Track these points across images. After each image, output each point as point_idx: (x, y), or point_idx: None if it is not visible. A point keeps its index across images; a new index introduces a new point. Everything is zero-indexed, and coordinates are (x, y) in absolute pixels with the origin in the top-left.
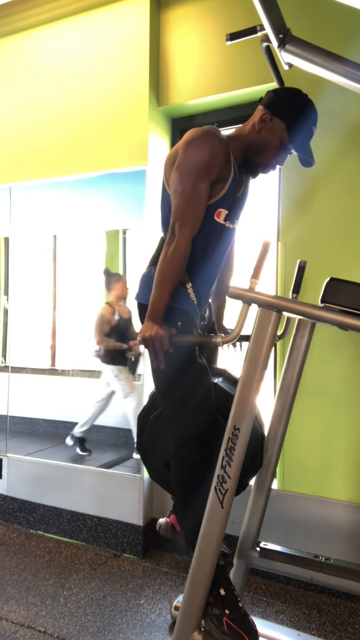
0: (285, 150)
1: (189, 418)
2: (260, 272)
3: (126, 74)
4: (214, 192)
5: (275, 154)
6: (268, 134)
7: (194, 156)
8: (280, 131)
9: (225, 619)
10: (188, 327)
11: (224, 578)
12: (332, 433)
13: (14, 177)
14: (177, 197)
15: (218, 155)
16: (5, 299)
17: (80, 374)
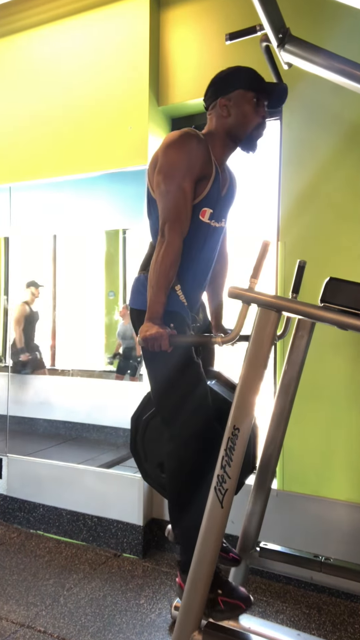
0: (259, 105)
1: (188, 419)
2: (260, 272)
3: (126, 73)
4: (197, 192)
5: (255, 115)
6: (237, 109)
7: (174, 157)
8: (242, 97)
9: (219, 599)
10: (181, 328)
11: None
12: (332, 433)
13: (14, 177)
14: (164, 199)
15: (197, 154)
16: (5, 299)
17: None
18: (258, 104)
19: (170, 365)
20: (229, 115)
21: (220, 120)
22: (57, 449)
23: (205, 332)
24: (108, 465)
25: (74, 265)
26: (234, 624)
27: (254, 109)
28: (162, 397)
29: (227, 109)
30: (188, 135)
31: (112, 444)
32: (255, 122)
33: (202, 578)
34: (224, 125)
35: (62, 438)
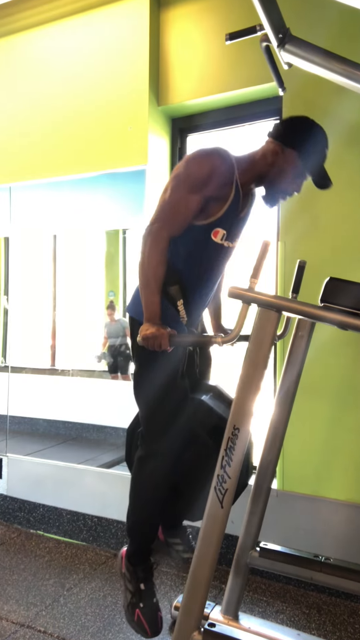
0: (300, 177)
1: (156, 436)
2: (260, 271)
3: (126, 73)
4: (211, 211)
5: (291, 182)
6: (281, 164)
7: (193, 169)
8: (293, 160)
9: (137, 611)
10: (174, 349)
11: (148, 576)
12: (332, 433)
13: (14, 177)
14: (164, 202)
15: (218, 174)
16: (5, 299)
17: (80, 373)
18: (300, 178)
19: (152, 380)
20: (272, 164)
21: (264, 160)
22: (57, 449)
23: (202, 348)
24: (108, 465)
25: (74, 265)
26: (234, 624)
27: (294, 178)
28: (140, 408)
29: (275, 157)
30: (217, 153)
31: (112, 444)
32: (286, 187)
33: (202, 578)
34: (263, 166)
35: (62, 438)
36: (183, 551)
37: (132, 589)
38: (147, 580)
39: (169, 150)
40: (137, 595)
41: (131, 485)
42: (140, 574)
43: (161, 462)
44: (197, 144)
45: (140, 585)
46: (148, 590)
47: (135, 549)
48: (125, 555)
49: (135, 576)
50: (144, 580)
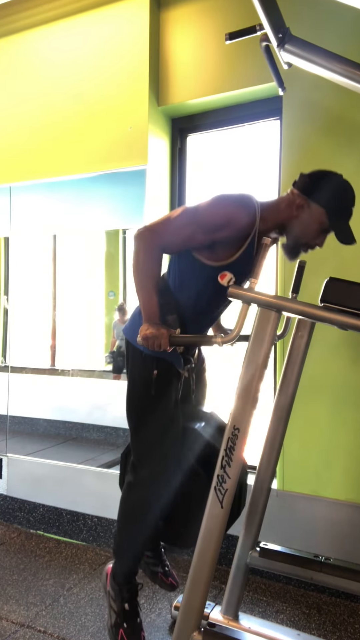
0: (325, 232)
1: (145, 464)
2: (260, 272)
3: (126, 73)
4: (220, 255)
5: (315, 237)
6: (307, 219)
7: (214, 211)
8: (319, 216)
9: (121, 631)
10: (166, 376)
11: (133, 596)
12: (332, 433)
13: (14, 177)
14: (169, 219)
15: (236, 227)
16: (5, 299)
17: (80, 374)
18: (324, 232)
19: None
20: (297, 217)
21: (289, 211)
22: (57, 449)
23: (199, 372)
24: (108, 465)
25: (74, 265)
26: (234, 624)
27: (318, 234)
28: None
29: (300, 211)
30: (243, 204)
31: (112, 444)
32: (308, 241)
33: (202, 578)
34: (287, 217)
35: (62, 438)
36: (153, 564)
37: (116, 609)
38: (131, 600)
39: (169, 150)
40: (121, 616)
41: (119, 509)
42: (125, 594)
43: (149, 491)
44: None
45: (125, 606)
46: (132, 610)
47: (121, 569)
48: (110, 573)
49: (120, 596)
50: (128, 600)
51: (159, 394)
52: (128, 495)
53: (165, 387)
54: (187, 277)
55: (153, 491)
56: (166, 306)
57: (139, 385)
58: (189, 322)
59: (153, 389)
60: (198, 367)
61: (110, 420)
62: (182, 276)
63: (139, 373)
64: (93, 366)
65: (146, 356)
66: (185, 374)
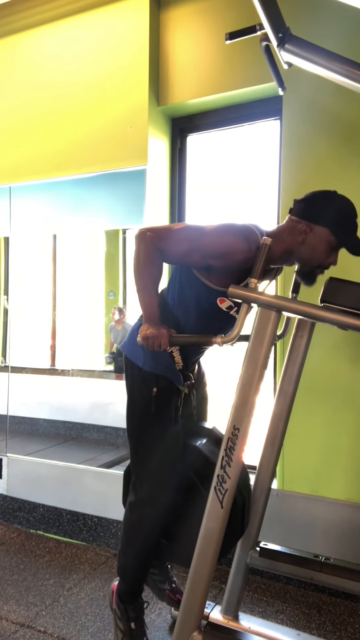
0: (335, 250)
1: (146, 483)
2: (260, 271)
3: (126, 73)
4: (219, 281)
5: (326, 257)
6: (313, 242)
7: (219, 239)
8: (325, 236)
9: None
10: (165, 393)
11: (139, 614)
12: (332, 433)
13: (14, 177)
14: (172, 229)
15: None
16: (5, 299)
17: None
18: (334, 251)
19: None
20: (303, 242)
21: (292, 239)
22: (57, 449)
23: (198, 387)
24: (108, 465)
25: (74, 265)
26: (234, 624)
27: (328, 253)
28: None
29: (305, 235)
30: (247, 238)
31: (112, 444)
32: (321, 262)
33: (202, 578)
34: (291, 246)
35: (62, 438)
36: (160, 581)
37: (122, 628)
38: (137, 619)
39: (169, 150)
40: (127, 635)
41: (122, 529)
42: (131, 613)
43: (150, 510)
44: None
45: (131, 625)
46: (138, 629)
47: (126, 588)
48: (116, 591)
49: (125, 615)
50: (134, 619)
51: (159, 411)
52: (130, 515)
53: (165, 404)
54: (187, 293)
55: (154, 510)
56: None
57: (138, 403)
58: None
59: (153, 406)
60: (198, 382)
61: (111, 420)
62: (182, 291)
63: (138, 391)
64: (93, 366)
65: (145, 373)
66: (185, 390)
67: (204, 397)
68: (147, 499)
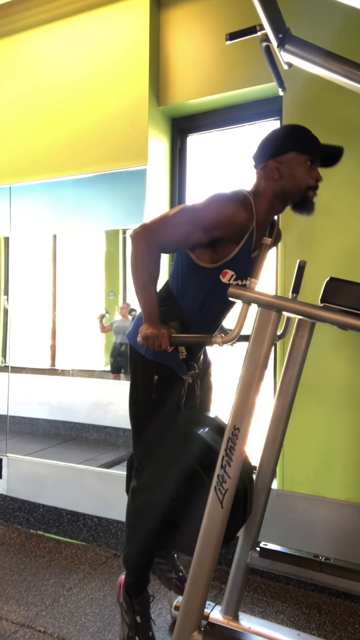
0: (312, 166)
1: (148, 470)
2: (260, 271)
3: (126, 73)
4: (220, 254)
5: (308, 177)
6: (289, 171)
7: (212, 210)
8: (296, 159)
9: None
10: (167, 382)
11: (145, 609)
12: (332, 433)
13: (14, 177)
14: (166, 218)
15: (235, 225)
16: (5, 299)
17: (80, 374)
18: (312, 166)
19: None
20: (281, 177)
21: (271, 183)
22: (57, 449)
23: (203, 377)
24: (108, 465)
25: (74, 266)
26: (234, 624)
27: (307, 172)
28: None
29: (279, 171)
30: (237, 201)
31: (112, 444)
32: (307, 184)
33: (202, 578)
34: (274, 187)
35: (62, 438)
36: (167, 570)
37: (128, 622)
38: (143, 613)
39: (169, 150)
40: (133, 629)
41: (126, 516)
42: (137, 607)
43: (151, 496)
44: (197, 143)
45: (137, 619)
46: (144, 623)
47: (132, 580)
48: (122, 585)
49: (131, 609)
50: (140, 613)
51: (160, 399)
52: (132, 500)
53: (166, 392)
54: (189, 282)
55: (156, 496)
56: (168, 312)
57: (140, 391)
58: (192, 329)
59: (154, 394)
60: (203, 372)
61: (110, 420)
62: (185, 282)
63: (140, 378)
64: (93, 366)
65: (147, 361)
66: (189, 379)
67: (209, 387)
68: (148, 485)
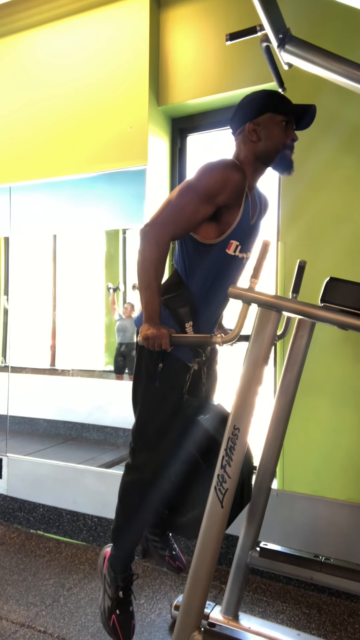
0: (287, 126)
1: (142, 450)
2: (260, 271)
3: (126, 73)
4: (225, 224)
5: (284, 136)
6: (266, 132)
7: (205, 180)
8: (271, 120)
9: (113, 617)
10: (172, 368)
11: (128, 586)
12: (332, 433)
13: (14, 177)
14: (169, 203)
15: (232, 186)
16: (5, 299)
17: (80, 373)
18: (287, 127)
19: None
20: (259, 139)
21: (250, 145)
22: (57, 449)
23: (210, 364)
24: (108, 465)
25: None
26: (234, 624)
27: (283, 132)
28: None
29: (257, 133)
30: (229, 165)
31: (112, 444)
32: (283, 143)
33: (202, 578)
34: (254, 149)
35: (62, 438)
36: (160, 548)
37: (110, 595)
38: (126, 589)
39: (169, 150)
40: (114, 602)
41: (118, 490)
42: (120, 582)
43: (142, 475)
44: (197, 143)
45: (119, 594)
46: (126, 598)
47: (117, 553)
48: (108, 558)
49: (115, 583)
50: (123, 589)
51: (163, 385)
52: (124, 477)
53: (170, 379)
54: (196, 264)
55: (148, 475)
56: (178, 298)
57: (144, 376)
58: (201, 312)
59: (157, 380)
60: (210, 359)
61: (110, 420)
62: (191, 265)
63: (145, 363)
64: (93, 366)
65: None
66: (195, 366)
67: (214, 375)
68: (142, 465)
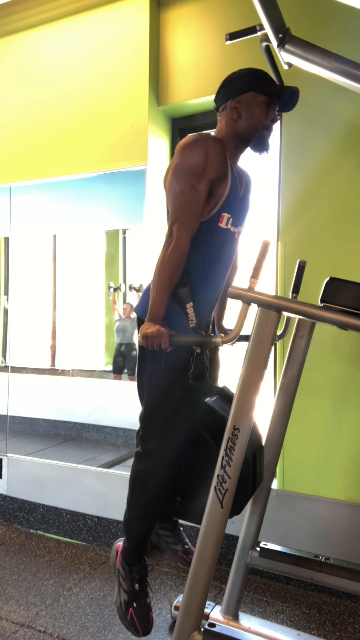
0: (268, 106)
1: (152, 436)
2: (259, 271)
3: (126, 73)
4: (215, 198)
5: (265, 117)
6: (247, 111)
7: (190, 157)
8: (253, 99)
9: (131, 610)
10: (176, 352)
11: (143, 577)
12: (332, 433)
13: (14, 177)
14: (175, 199)
15: (214, 154)
16: (5, 299)
17: (80, 373)
18: (269, 107)
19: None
20: (239, 117)
21: (231, 122)
22: (57, 449)
23: (212, 350)
24: (108, 465)
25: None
26: (235, 624)
27: (264, 112)
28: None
29: (238, 111)
30: (204, 137)
31: (112, 444)
32: (263, 122)
33: (202, 578)
34: (234, 127)
35: (62, 438)
36: (172, 543)
37: (126, 589)
38: (141, 581)
39: (169, 150)
40: (131, 595)
41: (129, 479)
42: (135, 574)
43: (153, 462)
44: None
45: (135, 586)
46: (142, 590)
47: (130, 546)
48: (121, 551)
49: (130, 576)
50: (139, 581)
51: (168, 369)
52: (135, 465)
53: (175, 362)
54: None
55: (159, 462)
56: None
57: (149, 360)
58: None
59: (163, 364)
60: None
61: (110, 420)
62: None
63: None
64: (93, 366)
65: None
66: (198, 350)
67: (216, 361)
68: (151, 452)
